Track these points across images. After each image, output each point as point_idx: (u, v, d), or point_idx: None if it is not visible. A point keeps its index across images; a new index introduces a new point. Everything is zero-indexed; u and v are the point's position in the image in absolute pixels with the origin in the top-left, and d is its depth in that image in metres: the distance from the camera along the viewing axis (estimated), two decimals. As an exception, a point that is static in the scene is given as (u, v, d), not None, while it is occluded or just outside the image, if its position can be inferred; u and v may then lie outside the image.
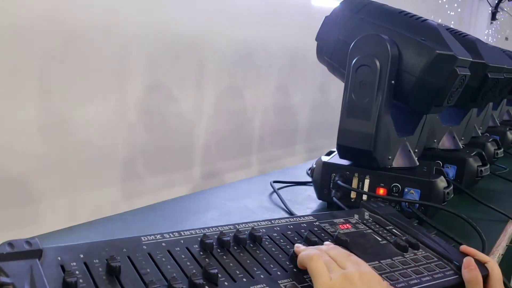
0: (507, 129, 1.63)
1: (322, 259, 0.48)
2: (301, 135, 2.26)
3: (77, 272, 0.44)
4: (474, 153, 1.12)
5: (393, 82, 0.81)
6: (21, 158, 1.17)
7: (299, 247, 0.52)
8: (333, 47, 0.92)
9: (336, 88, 2.48)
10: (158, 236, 0.52)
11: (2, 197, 1.14)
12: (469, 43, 1.03)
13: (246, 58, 1.81)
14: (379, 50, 0.80)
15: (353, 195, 0.85)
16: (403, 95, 0.83)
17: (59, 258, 0.46)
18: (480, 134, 1.37)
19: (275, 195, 0.96)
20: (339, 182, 0.85)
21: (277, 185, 1.01)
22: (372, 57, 0.80)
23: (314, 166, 0.91)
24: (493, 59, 1.10)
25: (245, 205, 0.90)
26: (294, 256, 0.52)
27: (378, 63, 0.80)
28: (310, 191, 1.00)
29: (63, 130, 1.24)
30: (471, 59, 0.87)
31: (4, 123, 1.12)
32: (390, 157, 0.86)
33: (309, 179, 1.10)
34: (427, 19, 0.86)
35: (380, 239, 0.61)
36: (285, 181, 1.05)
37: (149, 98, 1.45)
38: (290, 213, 0.86)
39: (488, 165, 1.13)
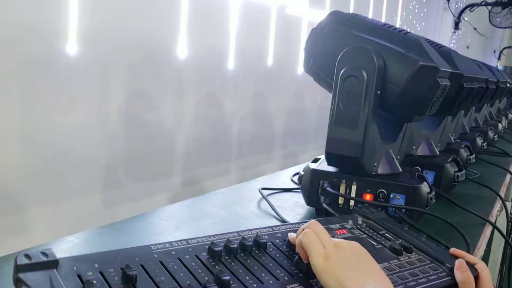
0: (476, 135, 1.70)
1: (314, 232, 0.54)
2: (277, 141, 2.30)
3: (95, 282, 0.45)
4: (450, 159, 1.17)
5: (379, 92, 0.84)
6: (4, 168, 1.16)
7: (291, 234, 0.59)
8: (320, 58, 0.95)
9: (309, 96, 2.54)
10: (167, 245, 0.53)
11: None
12: (446, 54, 1.08)
13: (224, 67, 1.84)
14: (365, 62, 0.83)
15: (341, 201, 0.88)
16: (388, 105, 0.87)
17: (75, 268, 0.47)
18: (453, 141, 1.42)
19: (263, 202, 0.98)
20: (327, 188, 0.87)
21: (265, 192, 1.03)
22: (359, 69, 0.84)
23: (302, 173, 0.94)
24: (467, 69, 1.15)
25: (237, 212, 0.91)
26: (298, 261, 0.54)
27: (365, 74, 0.83)
28: (297, 197, 1.02)
29: (45, 139, 1.24)
30: (450, 70, 0.92)
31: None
32: (375, 164, 0.89)
33: (294, 185, 1.13)
34: (409, 32, 0.90)
35: (375, 244, 0.64)
36: (272, 187, 1.08)
37: (130, 106, 1.46)
38: (282, 220, 0.88)
39: (464, 171, 1.18)
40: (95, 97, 1.35)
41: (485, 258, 1.36)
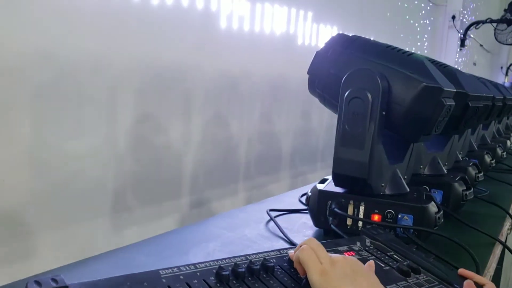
0: (485, 152, 1.69)
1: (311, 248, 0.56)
2: (284, 161, 2.30)
3: (105, 308, 0.46)
4: (458, 177, 1.16)
5: (384, 113, 0.85)
6: (13, 193, 1.17)
7: (291, 251, 0.61)
8: (324, 80, 0.96)
9: (316, 115, 2.54)
10: (175, 269, 0.54)
11: (-6, 232, 1.14)
12: (450, 73, 1.09)
13: (230, 88, 1.85)
14: (370, 84, 0.84)
15: (349, 222, 0.88)
16: (393, 125, 0.87)
17: (84, 294, 0.47)
18: (461, 159, 1.42)
19: (271, 223, 0.99)
20: (335, 209, 0.88)
21: (272, 214, 1.03)
22: (363, 90, 0.85)
23: (310, 194, 0.94)
24: (472, 88, 1.16)
25: (244, 234, 0.92)
26: (305, 285, 0.54)
27: (369, 96, 0.84)
28: (305, 218, 1.03)
29: (54, 164, 1.25)
30: (455, 90, 0.92)
31: (-4, 158, 1.12)
32: (383, 184, 0.89)
33: (302, 206, 1.13)
34: (412, 53, 0.91)
35: (383, 265, 0.64)
36: (280, 209, 1.08)
37: (138, 129, 1.47)
38: (290, 242, 0.88)
39: (472, 189, 1.17)
40: (103, 121, 1.36)
41: (497, 277, 1.34)
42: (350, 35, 0.98)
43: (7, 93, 1.12)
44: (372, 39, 0.96)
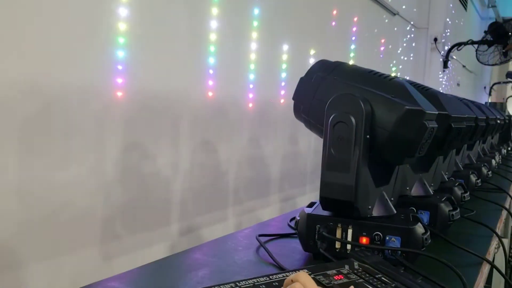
0: (470, 172, 1.72)
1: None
2: (273, 185, 2.31)
3: None
4: (444, 198, 1.18)
5: (368, 136, 0.87)
6: (0, 224, 1.16)
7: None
8: (309, 105, 0.97)
9: (303, 139, 2.57)
10: (164, 298, 0.54)
11: (-19, 265, 1.12)
12: (432, 96, 1.11)
13: (218, 113, 1.87)
14: (353, 108, 0.86)
15: (338, 245, 0.89)
16: (377, 148, 0.89)
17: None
18: (447, 179, 1.44)
19: (261, 249, 0.99)
20: (324, 233, 0.88)
21: (262, 239, 1.04)
22: (347, 115, 0.86)
23: (298, 218, 0.95)
24: (454, 109, 1.18)
25: (234, 261, 0.92)
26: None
27: (353, 120, 0.86)
28: (295, 242, 1.03)
29: (42, 194, 1.24)
30: (437, 112, 0.94)
31: (-17, 189, 1.12)
32: (370, 206, 0.90)
33: (291, 230, 1.14)
34: (394, 77, 0.93)
35: (371, 288, 0.65)
36: (269, 234, 1.08)
37: (126, 157, 1.47)
38: (280, 267, 0.88)
39: (458, 209, 1.19)
40: (90, 150, 1.37)
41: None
42: (332, 61, 1.01)
43: (-6, 124, 1.13)
44: (353, 64, 0.99)
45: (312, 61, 2.39)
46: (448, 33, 5.08)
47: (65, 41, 1.25)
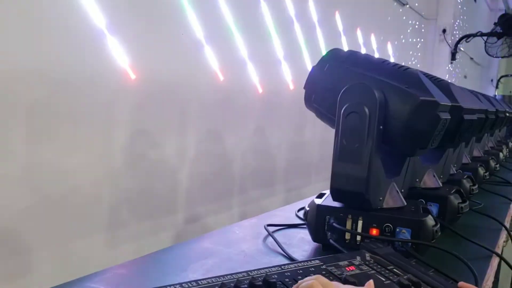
0: (478, 165, 1.70)
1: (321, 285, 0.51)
2: (279, 175, 2.30)
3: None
4: (453, 190, 1.17)
5: (381, 127, 0.86)
6: (8, 210, 1.16)
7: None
8: (321, 95, 0.96)
9: (309, 129, 2.56)
10: (177, 286, 0.54)
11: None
12: (444, 87, 1.10)
13: (225, 102, 1.86)
14: (367, 98, 0.85)
15: (347, 236, 0.88)
16: (390, 139, 0.88)
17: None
18: (455, 172, 1.43)
19: (269, 238, 0.98)
20: (334, 224, 0.88)
21: (270, 229, 1.03)
22: (361, 105, 0.85)
23: (308, 208, 0.94)
24: (466, 101, 1.17)
25: (243, 250, 0.91)
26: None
27: (367, 110, 0.85)
28: (303, 233, 1.02)
29: (50, 181, 1.24)
30: (450, 104, 0.93)
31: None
32: (381, 198, 0.89)
33: (299, 220, 1.13)
34: (408, 67, 0.92)
35: (383, 279, 0.64)
36: (277, 224, 1.08)
37: (133, 145, 1.47)
38: (290, 258, 0.88)
39: (467, 202, 1.18)
40: (98, 137, 1.36)
41: (494, 290, 1.34)
42: (345, 50, 0.99)
43: (1, 111, 1.12)
44: (369, 54, 0.97)
45: (315, 51, 2.38)
46: (457, 25, 5.03)
47: (73, 27, 1.24)
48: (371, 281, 0.56)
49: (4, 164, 1.14)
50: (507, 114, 2.10)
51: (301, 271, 0.62)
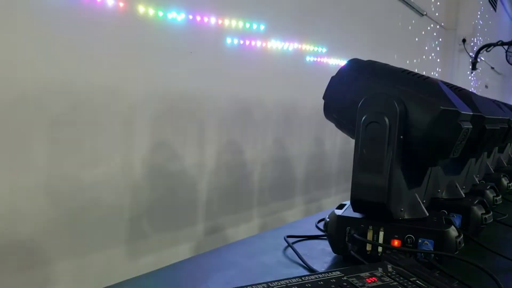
0: (501, 175, 1.67)
1: None
2: (299, 187, 2.29)
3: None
4: (477, 201, 1.15)
5: (402, 137, 0.85)
6: (29, 222, 1.17)
7: None
8: (341, 105, 0.96)
9: (329, 140, 2.55)
10: (197, 297, 0.54)
11: (11, 261, 1.14)
12: (466, 96, 1.08)
13: (244, 115, 1.87)
14: (387, 108, 0.84)
15: (368, 247, 0.87)
16: (411, 149, 0.87)
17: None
18: (478, 182, 1.40)
19: (289, 250, 0.98)
20: (355, 235, 0.87)
21: (290, 240, 1.03)
22: (381, 115, 0.85)
23: (328, 219, 0.93)
24: (488, 111, 1.15)
25: (262, 261, 0.91)
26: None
27: (387, 120, 0.84)
28: (323, 244, 1.01)
29: (71, 192, 1.26)
30: (471, 113, 0.92)
31: (13, 187, 1.13)
32: (402, 209, 0.88)
33: (319, 232, 1.12)
34: (428, 77, 0.91)
35: (406, 292, 0.63)
36: (297, 235, 1.07)
37: (153, 157, 1.48)
38: (310, 269, 0.87)
39: (491, 213, 1.16)
40: (119, 149, 1.38)
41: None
42: (365, 60, 0.99)
43: (24, 123, 1.14)
44: (388, 64, 0.97)
45: (339, 62, 2.38)
46: (477, 34, 4.99)
47: (93, 41, 1.27)
48: None
49: (26, 176, 1.16)
50: (531, 124, 2.06)
51: (321, 283, 0.61)
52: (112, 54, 1.32)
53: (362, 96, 0.88)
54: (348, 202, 0.94)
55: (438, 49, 4.42)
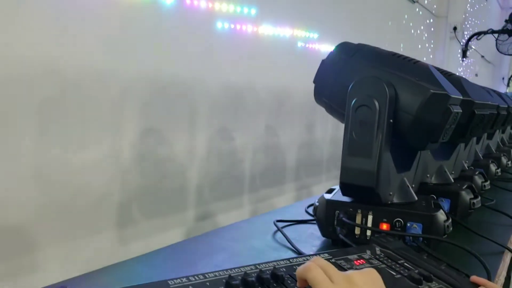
0: (490, 161, 1.69)
1: (319, 267, 0.49)
2: (289, 174, 2.29)
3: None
4: (465, 186, 1.16)
5: (391, 121, 0.85)
6: (18, 207, 1.16)
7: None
8: (331, 89, 0.96)
9: (320, 127, 2.54)
10: (184, 279, 0.53)
11: (0, 247, 1.13)
12: (456, 81, 1.08)
13: (235, 100, 1.86)
14: (377, 91, 0.84)
15: (357, 231, 0.87)
16: (400, 133, 0.87)
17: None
18: (467, 168, 1.41)
19: (279, 234, 0.98)
20: (343, 219, 0.87)
21: (279, 224, 1.03)
22: (371, 98, 0.84)
23: (317, 204, 0.93)
24: (477, 96, 1.15)
25: (252, 245, 0.91)
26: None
27: (377, 104, 0.84)
28: (312, 228, 1.02)
29: (59, 177, 1.24)
30: (461, 97, 0.92)
31: (2, 172, 1.12)
32: (391, 192, 0.89)
33: (308, 217, 1.13)
34: (418, 61, 0.91)
35: (394, 273, 0.63)
36: (287, 219, 1.07)
37: (143, 142, 1.47)
38: (298, 252, 0.87)
39: (479, 198, 1.17)
40: (108, 134, 1.36)
41: (506, 286, 1.31)
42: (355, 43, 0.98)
43: (11, 106, 1.13)
44: (379, 47, 0.96)
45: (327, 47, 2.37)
46: (468, 23, 4.99)
47: (82, 24, 1.25)
48: (372, 269, 0.52)
49: (13, 162, 1.14)
50: (520, 111, 2.08)
51: (310, 264, 0.61)
52: (101, 37, 1.30)
53: (352, 79, 0.87)
54: (337, 187, 0.94)
55: (428, 36, 4.42)
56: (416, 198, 0.93)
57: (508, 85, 8.48)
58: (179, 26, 1.55)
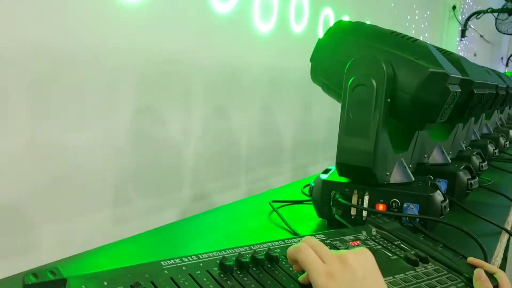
0: (488, 142, 1.68)
1: (310, 247, 0.49)
2: (286, 154, 2.28)
3: (104, 300, 0.44)
4: (463, 166, 1.15)
5: (389, 100, 0.83)
6: (12, 187, 1.15)
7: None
8: (328, 67, 0.94)
9: (317, 107, 2.52)
10: (177, 260, 0.52)
11: (-7, 226, 1.12)
12: (455, 60, 1.07)
13: (231, 80, 1.83)
14: (375, 70, 0.82)
15: (353, 212, 0.87)
16: (398, 113, 0.86)
17: (83, 286, 0.46)
18: (465, 148, 1.40)
19: (274, 214, 0.97)
20: (339, 199, 0.86)
21: (275, 205, 1.02)
22: (368, 77, 0.83)
23: (313, 184, 0.92)
24: (476, 75, 1.14)
25: (247, 226, 0.90)
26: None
27: (374, 83, 0.82)
28: (309, 209, 1.01)
29: (54, 157, 1.23)
30: (460, 76, 0.90)
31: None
32: (388, 173, 0.88)
33: (304, 197, 1.12)
34: (417, 39, 0.89)
35: (390, 255, 0.63)
36: (282, 200, 1.06)
37: (138, 122, 1.45)
38: (294, 233, 0.87)
39: (477, 178, 1.16)
40: (102, 114, 1.34)
41: (502, 267, 1.31)
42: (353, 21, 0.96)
43: (4, 85, 1.11)
44: (377, 25, 0.94)
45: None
46: (467, 1, 4.94)
47: (76, 3, 1.22)
48: (365, 249, 0.51)
49: (7, 140, 1.13)
50: (518, 91, 2.06)
51: (305, 246, 0.60)
52: (94, 14, 1.27)
53: (350, 58, 0.85)
54: (333, 167, 0.93)
55: (427, 15, 4.37)
56: (413, 179, 0.92)
57: (507, 64, 8.45)
58: (173, 3, 1.52)
